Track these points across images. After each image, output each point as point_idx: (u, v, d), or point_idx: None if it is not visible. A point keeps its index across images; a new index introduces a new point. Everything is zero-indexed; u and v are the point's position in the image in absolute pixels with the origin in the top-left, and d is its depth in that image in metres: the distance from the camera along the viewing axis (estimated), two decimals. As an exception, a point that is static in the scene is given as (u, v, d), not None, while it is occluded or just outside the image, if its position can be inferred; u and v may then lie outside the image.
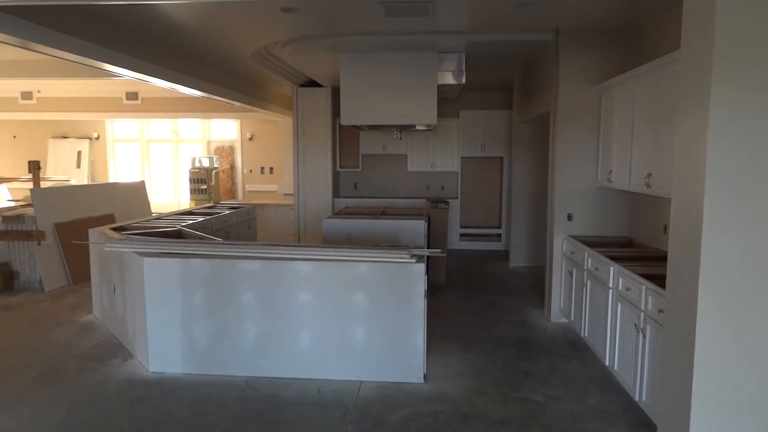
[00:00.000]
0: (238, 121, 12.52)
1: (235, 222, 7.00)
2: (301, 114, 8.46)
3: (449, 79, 6.09)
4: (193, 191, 11.65)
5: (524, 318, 5.26)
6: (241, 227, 7.16)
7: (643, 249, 4.45)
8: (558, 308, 5.15)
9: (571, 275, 4.76)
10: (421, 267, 3.65)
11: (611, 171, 4.56)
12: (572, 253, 4.82)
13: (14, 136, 12.80)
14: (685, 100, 2.55)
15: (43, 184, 7.82)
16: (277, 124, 11.76)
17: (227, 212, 6.96)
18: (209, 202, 10.43)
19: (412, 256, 3.64)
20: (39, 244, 6.15)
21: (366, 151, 9.15)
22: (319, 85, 8.33)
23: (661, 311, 2.95)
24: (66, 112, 10.91)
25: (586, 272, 4.37)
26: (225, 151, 12.95)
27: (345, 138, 9.03)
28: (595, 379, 3.83)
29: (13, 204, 8.49)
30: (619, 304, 3.66)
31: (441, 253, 3.97)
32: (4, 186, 9.58)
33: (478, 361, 4.15)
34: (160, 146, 13.41)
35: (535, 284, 6.55)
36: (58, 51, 4.35)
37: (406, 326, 3.70)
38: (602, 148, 4.85)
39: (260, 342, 3.83)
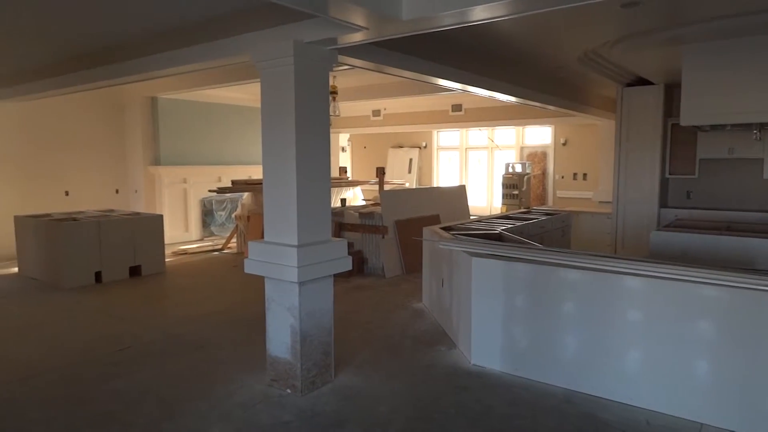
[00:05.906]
0: (552, 126, 12.43)
1: (550, 228, 6.95)
2: (625, 115, 7.84)
3: (840, 59, 4.74)
4: (505, 196, 12.13)
5: None
6: (555, 234, 7.06)
7: None
8: None
9: None
10: (798, 300, 2.91)
11: None
12: None
13: (365, 147, 15.64)
14: None
15: (386, 187, 9.29)
16: (595, 128, 11.20)
17: (543, 218, 6.95)
18: (519, 207, 10.64)
19: (785, 284, 2.94)
20: (383, 237, 7.32)
21: (705, 155, 7.84)
22: (647, 83, 7.57)
23: None
24: (403, 125, 12.79)
25: None
26: (537, 157, 13.03)
27: (677, 141, 7.93)
28: None
29: (364, 203, 10.35)
30: None
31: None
32: (359, 188, 11.82)
33: None
34: (476, 153, 14.39)
35: None
36: (401, 71, 4.96)
37: (769, 370, 3.02)
38: None
39: (580, 356, 3.68)
